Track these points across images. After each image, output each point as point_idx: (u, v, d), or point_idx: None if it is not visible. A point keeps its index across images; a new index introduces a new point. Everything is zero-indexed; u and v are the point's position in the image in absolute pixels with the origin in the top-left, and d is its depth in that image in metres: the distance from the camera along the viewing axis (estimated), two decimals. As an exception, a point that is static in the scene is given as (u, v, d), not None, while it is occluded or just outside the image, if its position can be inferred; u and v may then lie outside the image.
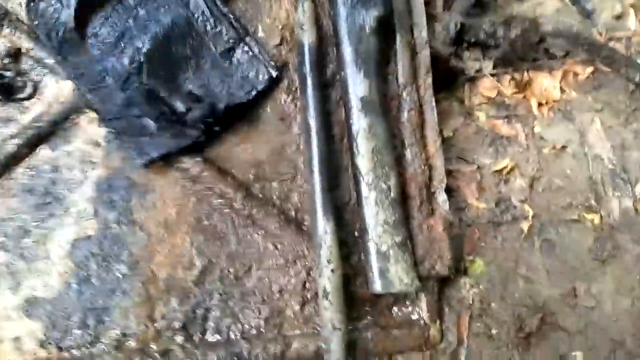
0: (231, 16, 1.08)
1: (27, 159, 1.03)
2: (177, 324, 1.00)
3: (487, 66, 1.47)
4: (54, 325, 0.99)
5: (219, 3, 1.08)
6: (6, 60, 1.01)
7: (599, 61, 1.42)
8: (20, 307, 0.99)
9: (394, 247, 1.04)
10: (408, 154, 1.14)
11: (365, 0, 1.11)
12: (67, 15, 0.99)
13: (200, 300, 1.01)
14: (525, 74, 1.48)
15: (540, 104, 1.45)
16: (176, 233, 1.04)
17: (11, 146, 1.00)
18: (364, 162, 1.06)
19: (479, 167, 1.35)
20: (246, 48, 1.08)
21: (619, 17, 1.61)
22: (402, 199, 1.11)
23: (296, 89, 1.12)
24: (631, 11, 1.61)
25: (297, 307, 1.07)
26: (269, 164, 1.10)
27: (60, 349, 0.98)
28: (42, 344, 0.98)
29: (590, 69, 1.49)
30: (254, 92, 1.07)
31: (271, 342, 1.03)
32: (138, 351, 0.99)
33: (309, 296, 1.07)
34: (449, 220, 1.14)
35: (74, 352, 0.99)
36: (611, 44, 1.60)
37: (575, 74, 1.51)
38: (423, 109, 1.18)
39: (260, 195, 1.08)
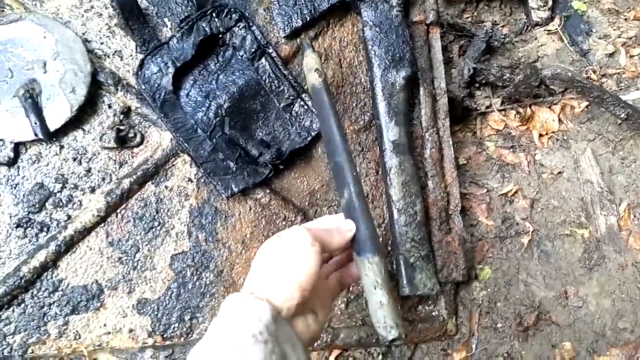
0: (290, 77, 1.28)
1: (138, 193, 1.22)
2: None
3: (496, 103, 1.63)
4: (159, 320, 1.20)
5: (281, 67, 1.27)
6: (120, 117, 1.21)
7: (590, 100, 1.58)
8: (133, 306, 1.19)
9: (419, 260, 1.23)
10: (430, 183, 1.32)
11: (395, 63, 1.29)
12: (167, 81, 1.20)
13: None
14: (529, 108, 1.63)
15: (540, 135, 1.61)
16: (250, 248, 1.24)
17: (125, 183, 1.20)
18: (395, 192, 1.26)
19: (488, 190, 1.52)
20: (302, 102, 1.29)
21: (611, 55, 1.76)
22: (426, 220, 1.28)
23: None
24: (622, 50, 1.77)
25: (342, 306, 1.27)
26: (320, 192, 1.30)
27: (163, 337, 1.19)
28: (150, 334, 1.19)
29: (585, 103, 1.63)
30: (309, 138, 1.27)
31: (323, 333, 1.23)
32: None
33: (352, 297, 1.28)
34: (463, 236, 1.31)
35: (175, 340, 1.20)
36: (604, 79, 1.80)
37: (572, 107, 1.66)
38: (442, 146, 1.36)
39: (314, 218, 1.25)
